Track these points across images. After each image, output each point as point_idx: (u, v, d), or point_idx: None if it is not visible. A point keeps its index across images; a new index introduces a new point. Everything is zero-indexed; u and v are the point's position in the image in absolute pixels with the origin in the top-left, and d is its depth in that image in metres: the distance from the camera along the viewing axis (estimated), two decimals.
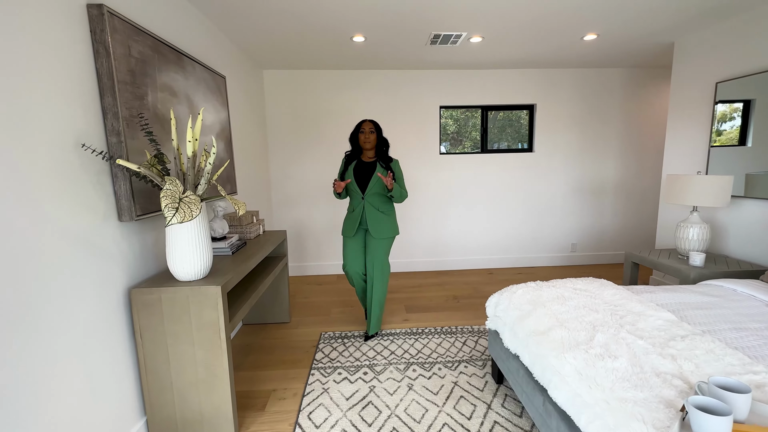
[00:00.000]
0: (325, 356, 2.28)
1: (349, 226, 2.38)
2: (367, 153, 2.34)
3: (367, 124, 2.29)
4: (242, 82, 2.98)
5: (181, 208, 1.27)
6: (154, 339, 1.49)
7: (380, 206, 2.32)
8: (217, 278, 1.55)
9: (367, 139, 2.27)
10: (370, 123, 2.30)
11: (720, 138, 2.66)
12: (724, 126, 2.64)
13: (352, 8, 2.24)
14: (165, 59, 1.73)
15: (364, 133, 2.27)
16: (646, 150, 3.99)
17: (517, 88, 3.79)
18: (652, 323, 1.44)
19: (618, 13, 2.40)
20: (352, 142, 2.35)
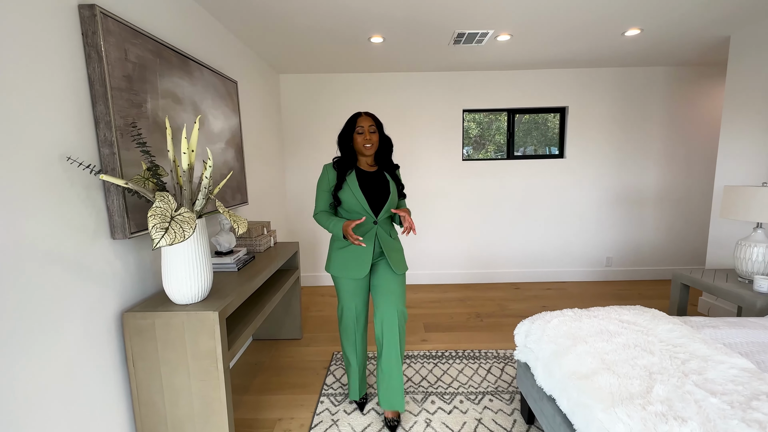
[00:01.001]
0: (336, 380, 2.11)
1: (356, 262, 1.68)
2: (366, 159, 1.74)
3: (366, 119, 1.66)
4: (257, 87, 2.89)
5: (171, 228, 1.13)
6: (148, 368, 1.37)
7: (391, 231, 1.79)
8: (216, 301, 1.41)
9: (368, 140, 1.65)
10: (370, 118, 1.67)
11: None
12: None
13: (370, 6, 2.08)
14: (168, 64, 1.62)
15: (363, 134, 1.65)
16: (693, 156, 3.62)
17: (548, 89, 3.53)
18: (725, 373, 1.18)
19: (666, 4, 2.13)
20: (343, 146, 1.70)
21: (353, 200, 1.66)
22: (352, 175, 1.68)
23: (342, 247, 1.73)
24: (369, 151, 1.67)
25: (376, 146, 1.70)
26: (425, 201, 3.70)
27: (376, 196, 1.69)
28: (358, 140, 1.66)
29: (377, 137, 1.69)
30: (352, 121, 1.68)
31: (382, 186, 1.72)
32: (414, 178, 3.65)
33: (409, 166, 3.63)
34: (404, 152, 3.61)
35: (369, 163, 1.76)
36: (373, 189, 1.70)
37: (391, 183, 1.73)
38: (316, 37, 2.54)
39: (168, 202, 1.18)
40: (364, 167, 1.74)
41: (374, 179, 1.72)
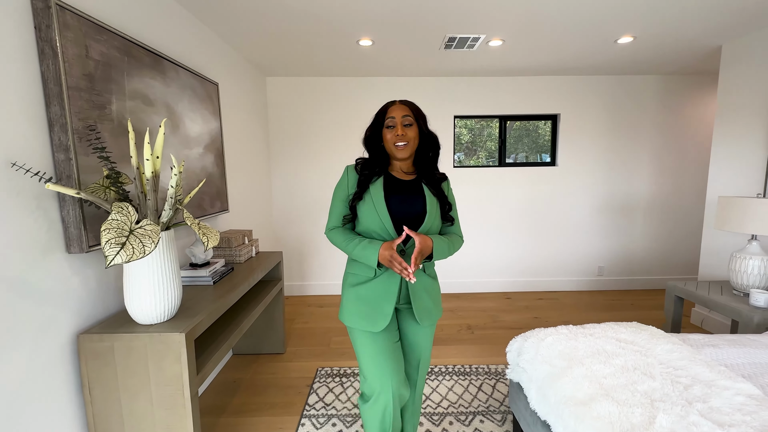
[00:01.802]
0: (320, 400, 1.99)
1: (377, 307, 1.20)
2: (401, 164, 1.27)
3: (401, 108, 1.21)
4: (241, 90, 2.78)
5: (129, 243, 1.02)
6: (105, 395, 1.24)
7: (427, 266, 1.28)
8: (184, 321, 1.30)
9: (401, 136, 1.18)
10: (405, 107, 1.22)
11: None
12: None
13: (359, 7, 2.00)
14: (138, 63, 1.51)
15: (395, 128, 1.19)
16: (684, 166, 3.61)
17: (539, 96, 3.49)
18: (731, 400, 1.10)
19: (659, 12, 2.10)
20: (371, 145, 1.28)
21: (373, 217, 1.18)
22: (378, 183, 1.22)
23: (358, 282, 1.23)
24: (402, 152, 1.19)
25: (413, 146, 1.22)
26: None
27: (406, 215, 1.20)
28: (388, 137, 1.21)
29: (415, 133, 1.21)
30: (382, 111, 1.24)
31: (415, 201, 1.23)
32: None
33: None
34: None
35: (405, 170, 1.28)
36: (403, 204, 1.21)
37: (429, 198, 1.22)
38: (303, 38, 2.45)
39: (127, 213, 1.06)
40: (398, 174, 1.27)
41: (407, 191, 1.24)
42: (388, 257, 1.12)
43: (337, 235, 1.27)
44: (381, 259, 1.13)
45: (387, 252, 1.13)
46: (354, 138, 3.51)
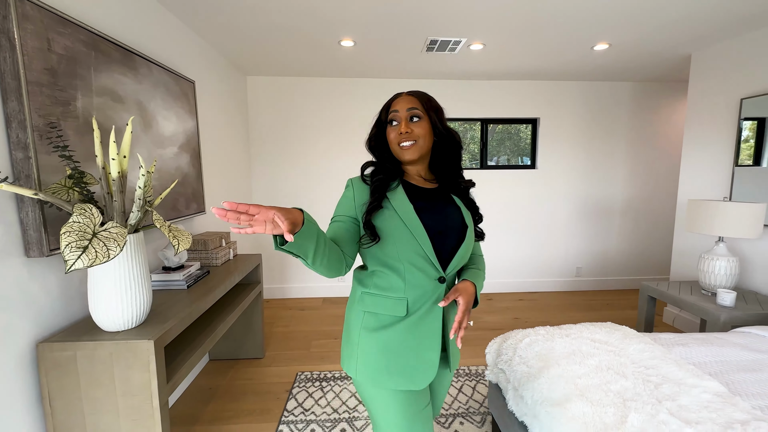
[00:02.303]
0: (299, 405, 1.95)
1: (416, 356, 0.92)
2: (415, 169, 1.00)
3: (406, 100, 0.96)
4: (220, 89, 2.71)
5: (92, 247, 0.97)
6: (67, 407, 1.18)
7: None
8: (154, 327, 1.24)
9: (406, 135, 0.93)
10: (412, 98, 0.96)
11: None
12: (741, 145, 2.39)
13: (341, 7, 1.98)
14: (107, 58, 1.44)
15: (399, 124, 0.95)
16: (658, 170, 3.73)
17: (520, 100, 3.54)
18: (698, 398, 1.14)
19: (632, 21, 2.16)
20: (378, 146, 1.01)
21: (401, 233, 0.89)
22: (399, 190, 0.94)
23: (381, 326, 0.92)
24: (408, 153, 0.94)
25: (423, 145, 0.95)
26: None
27: (443, 230, 0.93)
28: (392, 136, 0.96)
29: (425, 129, 0.94)
30: (386, 105, 0.99)
31: (450, 213, 0.96)
32: None
33: None
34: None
35: (422, 175, 1.01)
36: (438, 217, 0.94)
37: (463, 209, 0.98)
38: (283, 37, 2.41)
39: (90, 215, 1.01)
40: (417, 181, 1.00)
41: (435, 201, 0.97)
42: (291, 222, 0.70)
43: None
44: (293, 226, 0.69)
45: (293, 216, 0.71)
46: (335, 140, 3.48)
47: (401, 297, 0.91)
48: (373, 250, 0.93)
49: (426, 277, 0.91)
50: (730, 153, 2.49)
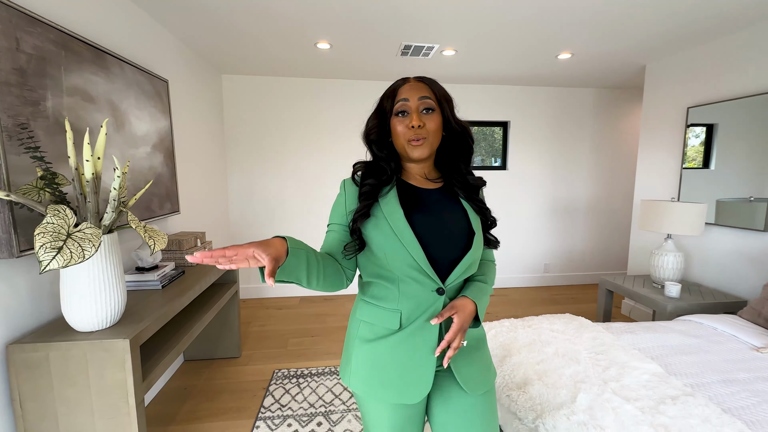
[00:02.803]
0: (275, 401, 1.99)
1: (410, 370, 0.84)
2: (419, 168, 0.91)
3: (416, 87, 0.85)
4: (194, 87, 2.68)
5: (67, 247, 0.98)
6: (40, 408, 1.18)
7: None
8: (129, 327, 1.26)
9: (419, 131, 0.82)
10: (423, 85, 0.85)
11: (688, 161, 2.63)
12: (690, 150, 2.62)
13: (317, 11, 2.02)
14: (78, 57, 1.43)
15: (408, 113, 0.84)
16: (617, 171, 3.98)
17: (491, 104, 3.69)
18: (639, 378, 1.27)
19: (591, 33, 2.32)
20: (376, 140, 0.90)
21: (393, 242, 0.81)
22: (391, 195, 0.85)
23: (376, 337, 0.87)
24: (420, 150, 0.83)
25: (434, 141, 0.85)
26: None
27: (442, 239, 0.83)
28: (399, 129, 0.84)
29: (438, 123, 0.84)
30: (389, 93, 0.88)
31: (453, 217, 0.86)
32: None
33: None
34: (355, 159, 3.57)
35: (425, 175, 0.91)
36: (435, 224, 0.84)
37: (471, 213, 0.88)
38: (260, 38, 2.42)
39: (63, 216, 1.02)
40: (416, 181, 0.90)
41: (436, 204, 0.87)
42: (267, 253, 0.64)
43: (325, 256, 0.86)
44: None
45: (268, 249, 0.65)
46: (312, 139, 3.51)
47: (395, 309, 0.84)
48: (363, 260, 0.87)
49: (422, 288, 0.81)
50: (678, 157, 2.71)
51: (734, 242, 2.34)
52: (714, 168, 2.49)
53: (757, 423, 1.10)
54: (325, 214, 3.61)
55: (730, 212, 2.36)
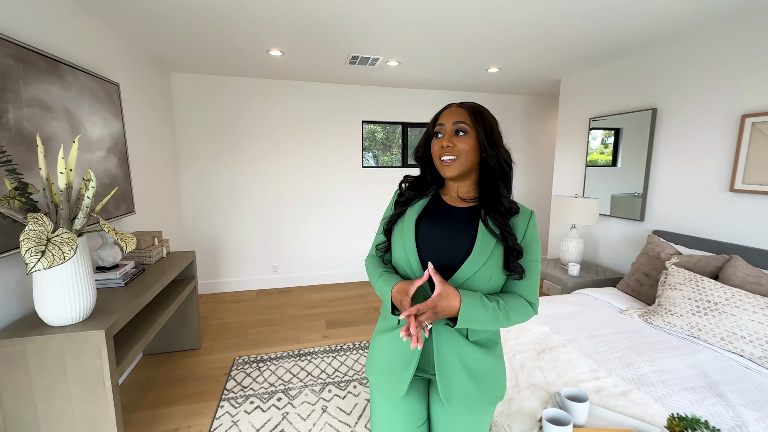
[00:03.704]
0: (237, 384, 2.18)
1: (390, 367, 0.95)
2: (457, 186, 0.97)
3: (455, 112, 0.93)
4: (143, 88, 2.70)
5: (49, 251, 1.12)
6: (17, 397, 1.30)
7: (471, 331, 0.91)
8: (101, 320, 1.40)
9: (448, 148, 0.91)
10: (462, 110, 0.93)
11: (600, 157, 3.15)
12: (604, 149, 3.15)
13: (268, 22, 2.18)
14: (34, 69, 1.50)
15: (444, 136, 0.92)
16: (543, 170, 4.55)
17: (434, 107, 4.01)
18: (530, 337, 1.67)
19: (513, 53, 2.71)
20: (422, 158, 1.01)
21: (399, 249, 0.94)
22: (416, 206, 0.97)
23: (386, 329, 0.97)
24: (448, 169, 0.91)
25: (466, 162, 0.91)
26: (328, 205, 3.90)
27: (439, 252, 0.90)
28: (434, 148, 0.94)
29: (470, 145, 0.90)
30: (435, 117, 0.96)
31: (457, 235, 0.92)
32: (316, 183, 3.83)
33: (313, 173, 3.79)
34: (309, 160, 3.76)
35: (462, 195, 0.96)
36: (438, 237, 0.92)
37: (482, 235, 0.89)
38: (212, 40, 2.50)
39: (42, 223, 1.16)
40: (450, 199, 0.98)
41: (451, 221, 0.94)
42: (399, 300, 0.84)
43: (368, 265, 1.03)
44: (394, 301, 0.86)
45: (399, 294, 0.85)
46: (266, 139, 3.63)
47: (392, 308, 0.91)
48: (389, 256, 1.03)
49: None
50: (584, 159, 3.24)
51: (621, 230, 2.90)
52: (620, 166, 2.98)
53: (605, 362, 1.52)
54: (279, 211, 3.77)
55: (620, 205, 2.91)
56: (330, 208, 3.92)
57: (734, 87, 2.10)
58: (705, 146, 2.27)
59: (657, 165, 2.60)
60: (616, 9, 1.92)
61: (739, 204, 2.10)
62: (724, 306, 1.65)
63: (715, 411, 1.23)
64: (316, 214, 3.88)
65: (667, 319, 1.81)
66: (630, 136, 2.83)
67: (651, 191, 2.65)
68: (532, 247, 0.91)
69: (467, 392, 0.90)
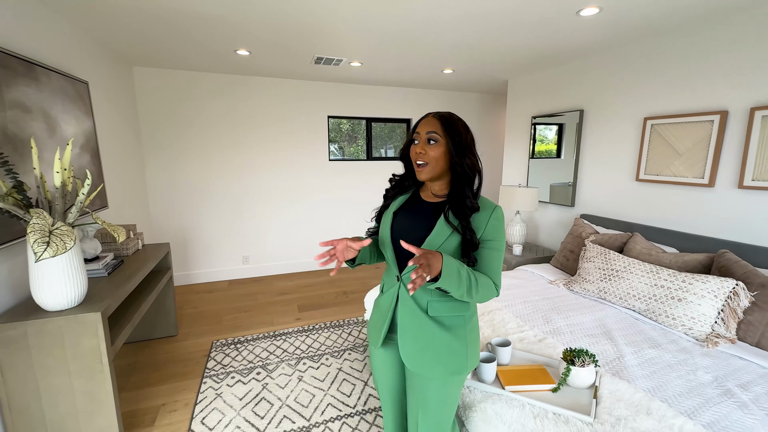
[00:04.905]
0: (218, 363, 2.37)
1: (374, 325, 1.19)
2: (432, 186, 1.14)
3: (428, 123, 1.07)
4: (109, 84, 2.73)
5: (52, 242, 1.27)
6: (19, 376, 1.43)
7: (436, 305, 1.06)
8: (95, 304, 1.55)
9: (420, 154, 1.07)
10: (435, 121, 1.07)
11: (545, 148, 3.57)
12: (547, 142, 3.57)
13: (235, 25, 2.31)
14: (13, 72, 1.59)
15: (419, 143, 1.08)
16: (496, 162, 4.97)
17: (396, 103, 4.30)
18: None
19: (464, 56, 3.02)
20: (406, 160, 1.19)
21: (381, 233, 1.16)
22: (399, 201, 1.18)
23: (381, 291, 1.18)
24: (420, 172, 1.07)
25: (436, 168, 1.06)
26: (296, 197, 4.08)
27: (409, 236, 1.06)
28: (411, 153, 1.11)
29: (440, 153, 1.05)
30: (414, 125, 1.12)
31: (419, 225, 1.08)
32: (284, 176, 3.99)
33: (282, 166, 3.94)
34: (276, 153, 3.90)
35: (435, 192, 1.13)
36: (406, 226, 1.11)
37: (439, 227, 1.04)
38: (175, 41, 2.59)
39: (44, 218, 1.30)
40: (427, 196, 1.15)
41: (419, 213, 1.12)
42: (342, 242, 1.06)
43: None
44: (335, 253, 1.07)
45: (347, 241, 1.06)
46: (233, 133, 3.72)
47: (384, 279, 1.17)
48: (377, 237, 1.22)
49: (390, 271, 1.14)
50: (526, 154, 3.65)
51: (557, 214, 3.34)
52: (563, 158, 3.38)
53: (530, 320, 1.89)
54: (248, 204, 3.90)
55: (557, 193, 3.35)
56: (299, 200, 4.10)
57: (639, 94, 2.54)
58: (618, 143, 2.71)
59: (584, 158, 3.03)
60: (550, 26, 2.26)
61: (642, 191, 2.56)
62: (622, 273, 2.07)
63: (605, 349, 1.62)
64: (285, 205, 4.05)
65: (583, 285, 2.22)
66: (568, 132, 3.25)
67: (580, 181, 3.09)
68: (494, 236, 1.04)
69: (422, 359, 1.06)
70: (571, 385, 1.33)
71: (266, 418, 1.88)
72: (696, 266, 1.97)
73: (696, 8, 1.97)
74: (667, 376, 1.43)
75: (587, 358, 1.34)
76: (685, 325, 1.75)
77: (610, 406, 1.22)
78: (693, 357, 1.56)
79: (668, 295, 1.85)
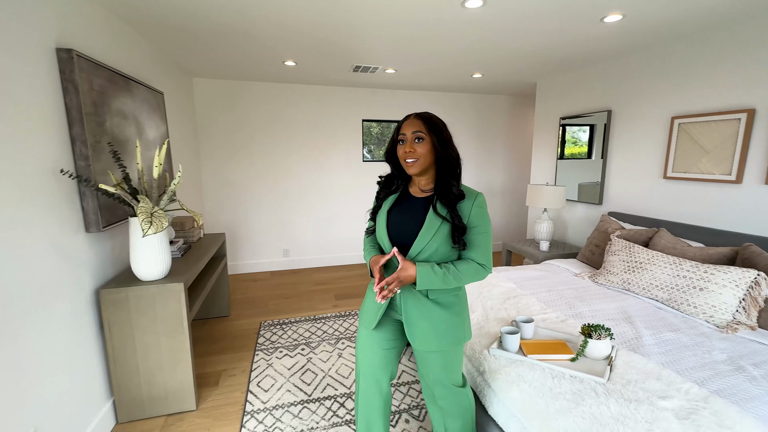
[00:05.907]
0: (267, 340, 2.67)
1: (369, 309, 1.29)
2: (418, 181, 1.26)
3: (412, 123, 1.19)
4: (176, 93, 3.13)
5: (154, 222, 1.59)
6: (121, 331, 1.76)
7: (431, 291, 1.20)
8: (177, 277, 1.87)
9: (409, 152, 1.18)
10: (418, 121, 1.19)
11: (577, 150, 3.65)
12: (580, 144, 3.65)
13: (284, 39, 2.61)
14: (117, 87, 1.95)
15: (406, 143, 1.18)
16: (523, 161, 5.06)
17: (426, 107, 4.51)
18: (500, 290, 2.17)
19: (495, 61, 3.18)
20: (392, 159, 1.28)
21: (378, 232, 1.27)
22: (390, 199, 1.28)
23: (371, 286, 1.30)
24: (411, 168, 1.18)
25: (425, 162, 1.18)
26: (333, 196, 4.37)
27: (401, 234, 1.20)
28: (399, 152, 1.21)
29: (427, 149, 1.17)
30: (398, 126, 1.22)
31: (411, 220, 1.21)
32: (322, 177, 4.29)
33: (320, 167, 4.26)
34: (316, 154, 4.22)
35: (422, 187, 1.25)
36: (400, 223, 1.22)
37: (429, 219, 1.17)
38: (231, 54, 2.94)
39: (147, 202, 1.62)
40: (414, 191, 1.27)
41: (410, 208, 1.24)
42: (372, 268, 1.19)
43: (364, 240, 1.37)
44: (371, 269, 1.21)
45: (373, 265, 1.19)
46: (277, 136, 4.07)
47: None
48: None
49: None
50: (553, 153, 3.74)
51: (585, 212, 3.42)
52: (594, 159, 3.43)
53: (554, 305, 2.03)
54: (289, 201, 4.23)
55: (585, 192, 3.42)
56: (335, 199, 4.39)
57: (666, 94, 2.61)
58: (646, 141, 2.78)
59: (612, 157, 3.11)
60: (576, 32, 2.40)
61: (670, 188, 2.62)
62: (646, 264, 2.17)
63: (624, 330, 1.75)
64: (321, 203, 4.35)
65: (607, 277, 2.33)
66: (598, 132, 3.32)
67: (607, 179, 3.16)
68: (478, 221, 1.17)
69: (426, 336, 1.20)
70: (588, 356, 1.48)
71: (312, 385, 2.14)
72: (720, 259, 2.04)
73: (718, 11, 2.05)
74: (682, 354, 1.54)
75: (603, 332, 1.48)
76: (706, 313, 1.84)
77: (623, 372, 1.37)
78: (711, 340, 1.65)
79: (690, 285, 1.94)
